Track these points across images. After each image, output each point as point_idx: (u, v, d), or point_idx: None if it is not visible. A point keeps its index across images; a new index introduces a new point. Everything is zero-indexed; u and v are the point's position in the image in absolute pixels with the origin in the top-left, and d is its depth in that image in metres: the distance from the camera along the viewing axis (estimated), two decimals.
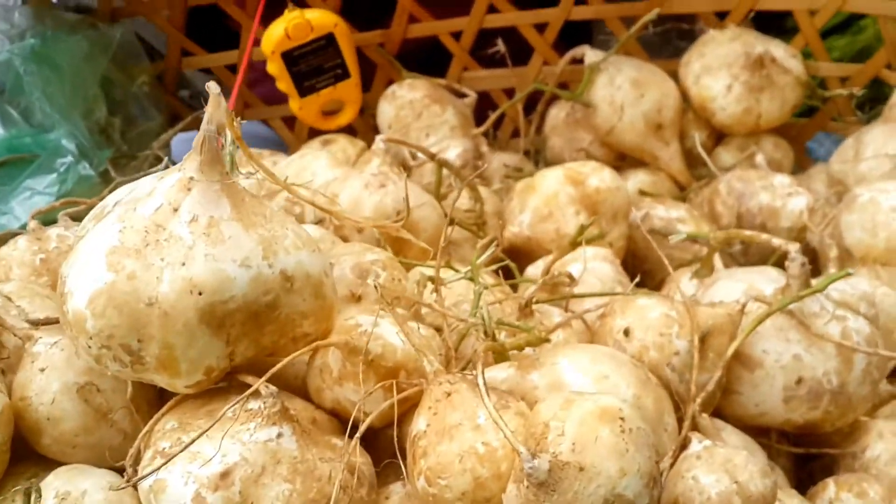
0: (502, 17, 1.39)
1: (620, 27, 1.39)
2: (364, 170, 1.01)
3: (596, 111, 1.28)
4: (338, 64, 1.29)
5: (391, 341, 0.65)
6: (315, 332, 0.65)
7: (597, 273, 0.96)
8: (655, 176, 1.30)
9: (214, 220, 0.60)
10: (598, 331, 0.78)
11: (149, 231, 0.59)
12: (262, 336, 0.62)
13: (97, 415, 0.64)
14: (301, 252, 0.63)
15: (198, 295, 0.58)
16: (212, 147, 0.60)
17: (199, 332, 0.58)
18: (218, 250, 0.59)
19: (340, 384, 0.65)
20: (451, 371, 0.67)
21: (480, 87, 1.45)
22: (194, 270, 0.58)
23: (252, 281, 0.60)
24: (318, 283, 0.63)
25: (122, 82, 1.42)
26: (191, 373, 0.60)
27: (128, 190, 0.64)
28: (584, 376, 0.64)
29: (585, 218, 1.07)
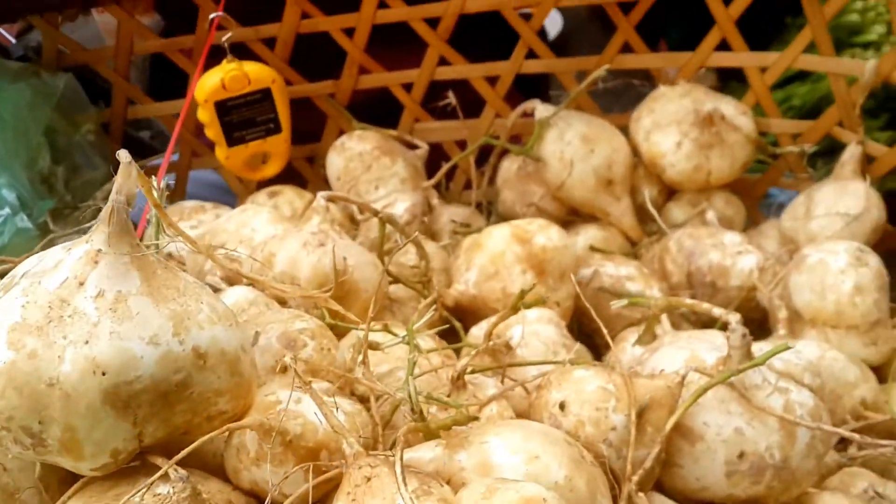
0: (453, 69, 1.38)
1: (572, 82, 1.38)
2: (303, 228, 0.98)
3: (546, 166, 1.27)
4: (271, 118, 1.28)
5: (312, 420, 0.62)
6: (232, 410, 0.62)
7: (541, 336, 0.94)
8: (607, 231, 1.29)
9: (122, 294, 0.57)
10: (534, 403, 0.75)
11: (52, 307, 0.56)
12: (173, 416, 0.59)
13: (3, 495, 0.61)
14: (216, 327, 0.60)
15: (101, 375, 0.55)
16: (121, 218, 0.58)
17: (104, 413, 0.55)
18: (124, 327, 0.56)
19: (258, 465, 0.62)
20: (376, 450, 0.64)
21: (432, 138, 1.43)
22: (98, 349, 0.55)
23: (161, 359, 0.57)
24: (233, 360, 0.60)
25: (67, 131, 1.39)
26: (96, 456, 0.56)
27: (37, 260, 0.61)
28: (514, 456, 0.61)
29: (532, 277, 1.05)
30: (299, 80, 1.38)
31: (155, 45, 1.39)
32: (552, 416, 0.72)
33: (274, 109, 1.27)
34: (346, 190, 1.33)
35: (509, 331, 0.94)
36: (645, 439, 0.72)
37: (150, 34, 1.38)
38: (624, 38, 1.33)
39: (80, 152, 1.41)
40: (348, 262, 0.96)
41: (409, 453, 0.62)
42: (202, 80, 1.23)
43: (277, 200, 1.30)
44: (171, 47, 1.38)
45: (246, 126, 1.26)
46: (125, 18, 1.33)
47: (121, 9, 1.32)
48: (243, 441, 0.62)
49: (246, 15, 1.33)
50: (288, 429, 0.61)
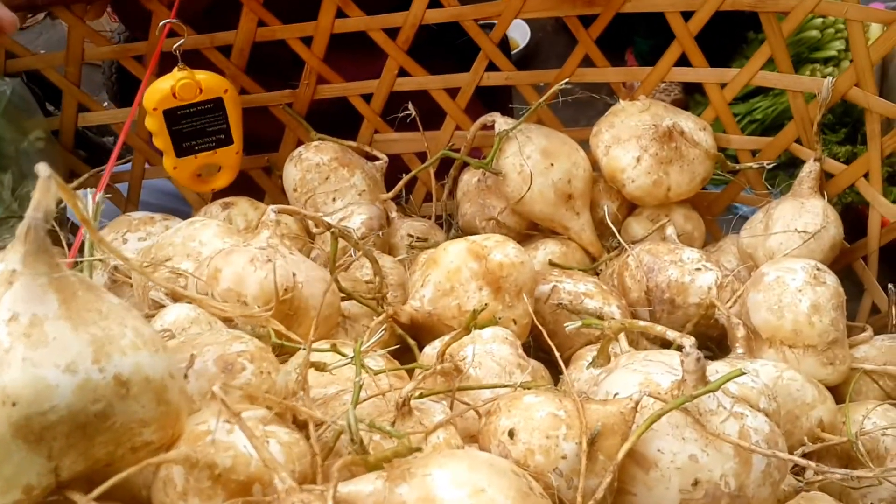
0: (413, 80, 1.35)
1: (533, 94, 1.36)
2: (252, 242, 0.95)
3: (506, 180, 1.24)
4: (222, 129, 1.24)
5: (243, 451, 0.59)
6: (159, 440, 0.59)
7: (496, 356, 0.91)
8: (566, 246, 1.27)
9: (38, 318, 0.54)
10: (482, 430, 0.72)
11: None
12: (92, 448, 0.56)
13: None
14: (140, 353, 0.57)
15: (11, 406, 0.51)
16: (38, 237, 0.54)
17: (14, 447, 0.52)
18: (38, 354, 0.53)
19: (185, 499, 0.58)
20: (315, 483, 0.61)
21: (392, 150, 1.40)
22: (8, 378, 0.51)
23: (78, 389, 0.53)
24: (159, 388, 0.57)
25: (14, 137, 1.34)
26: (6, 492, 0.53)
27: None
28: (459, 489, 0.58)
29: (489, 294, 1.03)
30: (256, 88, 1.36)
31: (106, 51, 1.35)
32: (501, 443, 0.69)
33: (226, 120, 1.23)
34: (302, 202, 1.30)
35: (463, 350, 0.92)
36: (597, 468, 0.69)
37: (103, 40, 1.34)
38: (584, 51, 1.31)
39: (28, 160, 1.37)
40: (297, 279, 0.93)
41: (348, 486, 0.59)
42: (152, 88, 1.20)
43: (231, 212, 1.27)
44: (125, 54, 1.34)
45: (196, 136, 1.23)
46: (75, 23, 1.29)
47: (71, 13, 1.28)
48: (170, 474, 0.59)
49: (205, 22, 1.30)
50: (217, 462, 0.57)
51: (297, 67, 1.36)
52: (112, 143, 2.09)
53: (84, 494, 0.56)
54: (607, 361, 0.85)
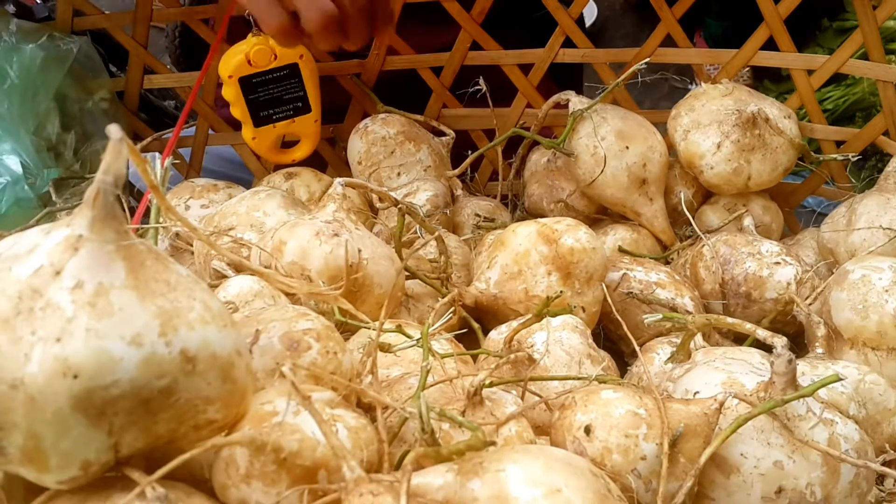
0: (486, 54, 1.31)
1: (609, 73, 1.31)
2: (317, 216, 0.92)
3: (577, 161, 1.20)
4: (299, 97, 1.21)
5: (310, 436, 0.56)
6: (223, 419, 0.56)
7: (565, 345, 0.87)
8: (637, 233, 1.22)
9: (104, 287, 0.51)
10: (555, 424, 0.69)
11: (23, 297, 0.50)
12: (154, 424, 0.53)
13: None
14: (208, 328, 0.54)
15: (73, 378, 0.48)
16: (107, 201, 0.51)
17: (73, 421, 0.49)
18: (103, 325, 0.50)
19: (248, 483, 0.55)
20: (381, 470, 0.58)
21: (459, 126, 1.36)
22: (70, 349, 0.49)
23: (143, 363, 0.50)
24: (226, 365, 0.54)
25: (79, 97, 1.33)
26: (63, 467, 0.50)
27: (12, 241, 0.55)
28: (534, 489, 0.55)
29: (557, 280, 0.99)
30: (325, 57, 1.32)
31: (175, 13, 1.33)
32: (576, 440, 0.65)
33: (302, 87, 1.20)
34: (367, 175, 1.27)
35: (531, 337, 0.88)
36: (677, 471, 0.65)
37: (172, 1, 1.32)
38: (666, 30, 1.26)
39: (92, 120, 1.36)
40: (363, 255, 0.89)
41: (417, 478, 0.55)
42: (226, 55, 1.17)
43: (294, 183, 1.24)
44: (193, 16, 1.32)
45: (273, 105, 1.20)
46: None
47: None
48: (233, 456, 0.56)
49: None
50: (283, 445, 0.55)
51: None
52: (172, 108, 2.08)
53: (142, 471, 0.53)
54: (687, 357, 0.81)
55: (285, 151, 1.26)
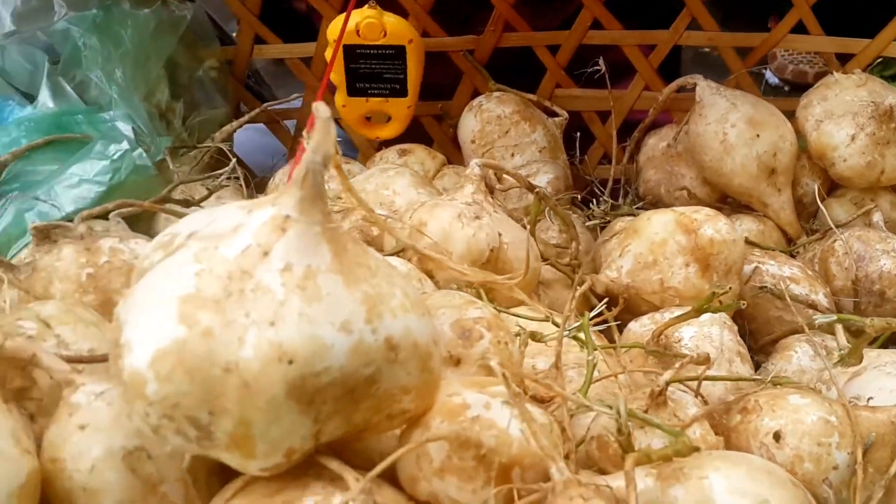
0: (606, 34, 1.27)
1: (735, 58, 1.27)
2: (455, 197, 0.89)
3: (704, 148, 1.16)
4: (398, 79, 1.19)
5: (506, 431, 0.53)
6: (415, 410, 0.54)
7: (714, 341, 0.84)
8: (763, 225, 1.17)
9: (312, 270, 0.49)
10: (736, 428, 0.66)
11: (232, 278, 0.48)
12: (355, 413, 0.51)
13: (145, 487, 0.53)
14: (409, 316, 0.51)
15: (287, 364, 0.46)
16: (316, 182, 0.49)
17: (285, 408, 0.47)
18: (314, 309, 0.48)
19: (441, 477, 0.53)
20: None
21: (573, 106, 1.33)
22: (285, 334, 0.47)
23: (352, 350, 0.48)
24: (426, 355, 0.52)
25: (189, 65, 1.31)
26: (269, 455, 0.48)
27: (206, 219, 0.53)
28: (740, 498, 0.52)
29: (696, 271, 0.95)
30: (438, 32, 1.29)
31: None
32: (763, 445, 0.62)
33: (404, 71, 1.17)
34: (479, 154, 1.24)
35: (678, 331, 0.85)
36: (865, 481, 0.62)
37: None
38: (798, 16, 1.21)
39: (201, 89, 1.34)
40: (503, 239, 0.87)
41: (616, 481, 0.53)
42: (337, 20, 1.15)
43: (408, 160, 1.21)
44: None
45: (371, 79, 1.18)
46: None
47: None
48: (426, 449, 0.54)
49: None
50: (483, 441, 0.52)
51: (479, 13, 1.29)
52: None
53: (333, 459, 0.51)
54: (860, 361, 0.77)
55: (372, 126, 1.24)
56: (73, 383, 0.55)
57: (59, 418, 0.53)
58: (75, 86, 1.26)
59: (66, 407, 0.54)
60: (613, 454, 0.61)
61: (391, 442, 0.60)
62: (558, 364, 0.58)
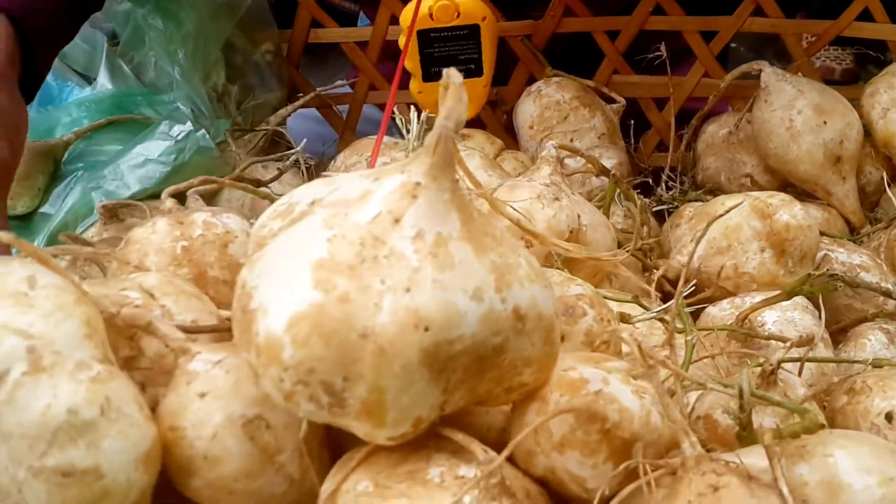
0: (667, 20, 1.26)
1: (798, 45, 1.26)
2: (533, 178, 0.89)
3: (770, 135, 1.15)
4: (473, 59, 1.18)
5: (627, 406, 0.53)
6: (534, 383, 0.53)
7: (798, 325, 0.83)
8: (828, 213, 1.16)
9: (443, 238, 0.48)
10: (843, 409, 0.65)
11: (365, 244, 0.47)
12: (479, 384, 0.50)
13: (263, 456, 0.52)
14: (535, 286, 0.51)
15: (423, 331, 0.46)
16: (447, 149, 0.48)
17: (418, 375, 0.46)
18: (447, 277, 0.47)
19: (562, 451, 0.52)
20: None
21: (630, 93, 1.31)
22: (420, 300, 0.46)
23: (483, 318, 0.48)
24: (549, 327, 0.51)
25: (245, 48, 1.31)
26: (398, 423, 0.48)
27: (328, 188, 0.52)
28: (867, 476, 0.51)
29: (771, 257, 0.94)
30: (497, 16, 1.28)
31: None
32: (874, 426, 0.62)
33: (479, 50, 1.17)
34: (538, 140, 1.23)
35: (760, 315, 0.84)
36: None
37: None
38: (864, 3, 1.20)
39: (256, 72, 1.34)
40: (582, 221, 0.86)
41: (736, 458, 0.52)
42: (410, 6, 1.14)
43: (466, 144, 1.20)
44: None
45: (446, 62, 1.16)
46: None
47: None
48: (545, 423, 0.53)
49: None
50: (608, 415, 0.52)
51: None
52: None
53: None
54: None
55: None
56: (188, 351, 0.54)
57: (177, 386, 0.53)
58: (133, 67, 1.26)
59: (184, 375, 0.53)
60: (723, 433, 0.60)
61: (498, 417, 0.59)
62: (671, 342, 0.57)
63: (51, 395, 0.46)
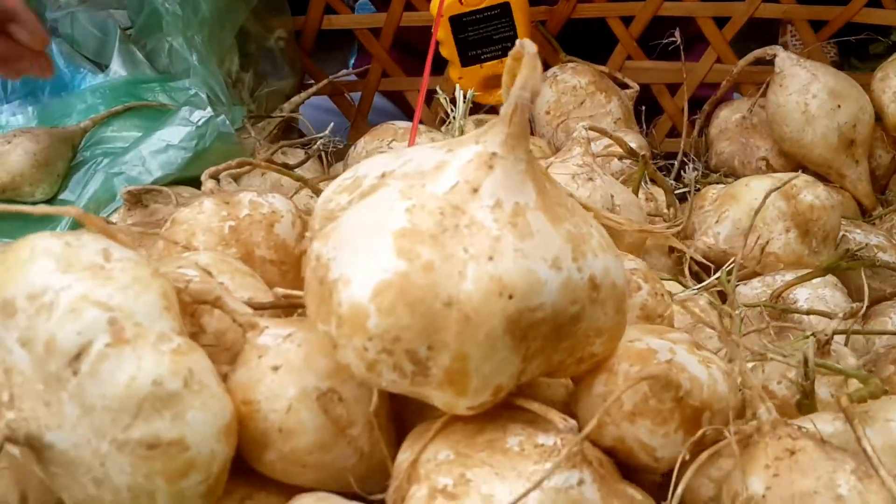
0: (681, 6, 1.27)
1: (808, 31, 1.27)
2: (566, 159, 0.89)
3: (784, 118, 1.16)
4: (508, 36, 1.19)
5: (696, 375, 0.54)
6: (602, 353, 0.54)
7: (829, 302, 0.84)
8: (841, 195, 1.18)
9: (520, 207, 0.48)
10: (889, 378, 0.66)
11: (445, 214, 0.48)
12: (554, 354, 0.51)
13: (335, 429, 0.52)
14: (607, 256, 0.51)
15: (507, 299, 0.46)
16: (523, 119, 0.49)
17: (501, 343, 0.47)
18: (527, 245, 0.47)
19: (633, 421, 0.53)
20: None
21: (643, 78, 1.33)
22: (503, 268, 0.46)
23: (562, 286, 0.48)
24: (621, 296, 0.52)
25: (259, 35, 1.30)
26: (479, 392, 0.48)
27: (396, 160, 0.52)
28: None
29: (795, 237, 0.96)
30: None
31: None
32: None
33: (512, 26, 1.17)
34: (553, 126, 1.24)
35: (792, 293, 0.85)
36: None
37: None
38: None
39: (268, 60, 1.34)
40: (615, 201, 0.87)
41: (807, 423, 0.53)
42: None
43: None
44: None
45: (482, 44, 1.18)
46: None
47: None
48: (612, 390, 0.54)
49: None
50: (681, 383, 0.52)
51: None
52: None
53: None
54: None
55: (492, 92, 1.24)
56: (257, 326, 0.54)
57: (247, 361, 0.53)
58: (146, 54, 1.25)
59: (254, 349, 0.53)
60: (780, 404, 0.61)
61: (560, 390, 0.60)
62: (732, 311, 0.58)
63: (135, 366, 0.46)
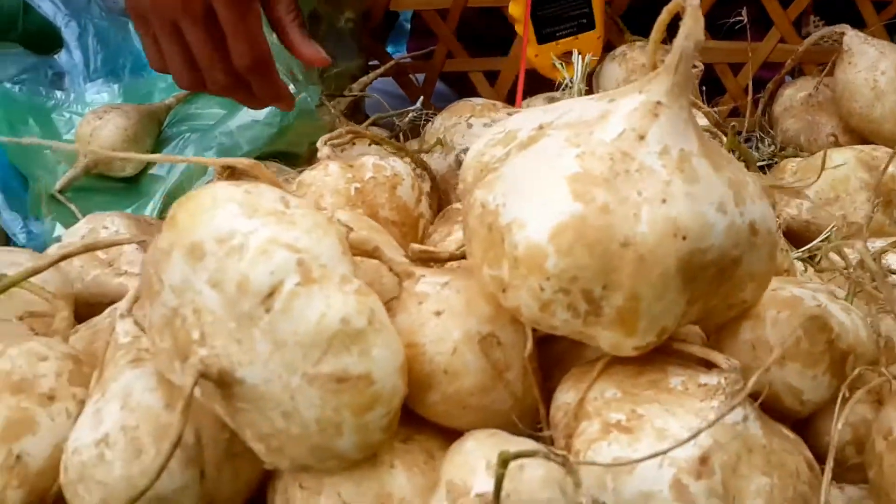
0: None
1: (870, 10, 1.29)
2: None
3: (854, 95, 1.17)
4: (584, 13, 1.20)
5: (842, 321, 0.55)
6: (752, 300, 0.55)
7: None
8: None
9: (686, 153, 0.50)
10: None
11: (614, 159, 0.49)
12: (713, 297, 0.53)
13: (494, 372, 0.54)
14: (763, 203, 0.53)
15: (681, 240, 0.48)
16: (687, 68, 0.51)
17: (673, 284, 0.49)
18: (695, 189, 0.49)
19: (782, 364, 0.55)
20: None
21: (705, 58, 1.33)
22: (676, 210, 0.48)
23: (727, 230, 0.50)
24: (774, 243, 0.54)
25: (330, 17, 1.32)
26: (646, 332, 0.50)
27: (554, 113, 0.54)
28: None
29: (878, 207, 0.97)
30: None
31: None
32: None
33: (588, 3, 1.19)
34: None
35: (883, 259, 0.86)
36: None
37: None
38: None
39: (337, 41, 1.35)
40: None
41: None
42: None
43: None
44: None
45: (557, 21, 1.19)
46: None
47: None
48: (760, 336, 0.56)
49: None
50: (833, 326, 0.54)
51: None
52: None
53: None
54: None
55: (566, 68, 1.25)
56: (413, 275, 0.56)
57: (407, 307, 0.55)
58: None
59: (413, 297, 0.55)
60: None
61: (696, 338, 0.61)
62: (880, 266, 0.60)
63: (324, 304, 0.48)
